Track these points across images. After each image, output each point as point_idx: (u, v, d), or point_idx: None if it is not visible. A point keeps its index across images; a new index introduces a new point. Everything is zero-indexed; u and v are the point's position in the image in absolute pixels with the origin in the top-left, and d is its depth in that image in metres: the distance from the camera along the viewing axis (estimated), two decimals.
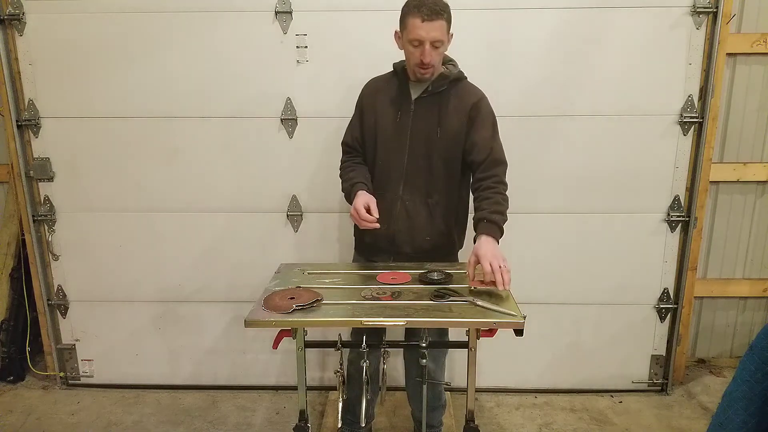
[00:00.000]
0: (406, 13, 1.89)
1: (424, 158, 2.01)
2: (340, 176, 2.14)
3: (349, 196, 2.02)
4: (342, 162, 2.17)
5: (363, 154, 2.13)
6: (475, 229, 1.88)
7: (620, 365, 2.87)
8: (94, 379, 2.97)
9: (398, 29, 1.95)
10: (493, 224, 1.85)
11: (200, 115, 2.66)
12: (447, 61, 2.07)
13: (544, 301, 2.79)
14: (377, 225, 1.92)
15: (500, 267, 1.71)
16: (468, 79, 2.09)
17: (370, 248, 2.15)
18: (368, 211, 1.92)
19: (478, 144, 1.98)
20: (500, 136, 2.05)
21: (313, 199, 2.72)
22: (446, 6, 1.89)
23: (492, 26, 2.53)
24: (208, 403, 2.83)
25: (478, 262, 1.77)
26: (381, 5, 2.43)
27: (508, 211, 1.93)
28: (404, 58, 2.00)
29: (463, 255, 2.19)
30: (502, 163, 2.01)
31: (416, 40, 1.86)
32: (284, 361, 2.90)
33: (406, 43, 1.91)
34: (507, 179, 2.01)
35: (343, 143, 2.18)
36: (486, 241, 1.80)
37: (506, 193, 1.97)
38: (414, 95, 2.01)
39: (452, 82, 2.01)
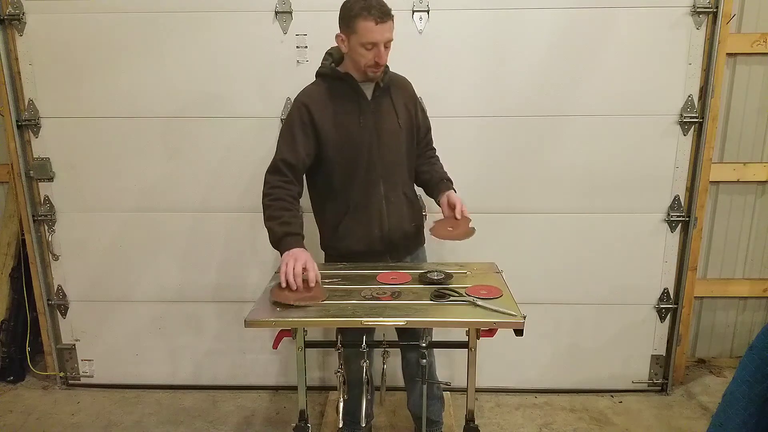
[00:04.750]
0: (354, 16, 1.83)
1: (395, 152, 2.06)
2: (267, 204, 1.89)
3: (278, 243, 1.83)
4: (272, 185, 1.92)
5: (302, 175, 2.01)
6: (438, 187, 2.15)
7: (620, 365, 2.87)
8: (94, 379, 2.97)
9: (340, 32, 1.91)
10: (450, 183, 2.18)
11: (200, 114, 2.66)
12: None
13: (544, 301, 2.79)
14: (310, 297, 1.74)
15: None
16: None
17: (360, 257, 2.07)
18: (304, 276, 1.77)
19: (420, 127, 2.20)
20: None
21: None
22: (389, 6, 1.92)
23: (493, 26, 2.53)
24: (208, 403, 2.83)
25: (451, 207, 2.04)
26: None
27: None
28: (326, 64, 2.04)
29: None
30: (430, 129, 2.29)
31: (370, 43, 1.86)
32: (284, 361, 2.90)
33: (357, 45, 1.87)
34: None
35: (281, 161, 1.93)
36: (454, 193, 2.11)
37: None
38: (369, 95, 2.02)
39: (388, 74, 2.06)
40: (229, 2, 2.54)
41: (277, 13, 2.54)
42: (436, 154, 2.30)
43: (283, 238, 1.82)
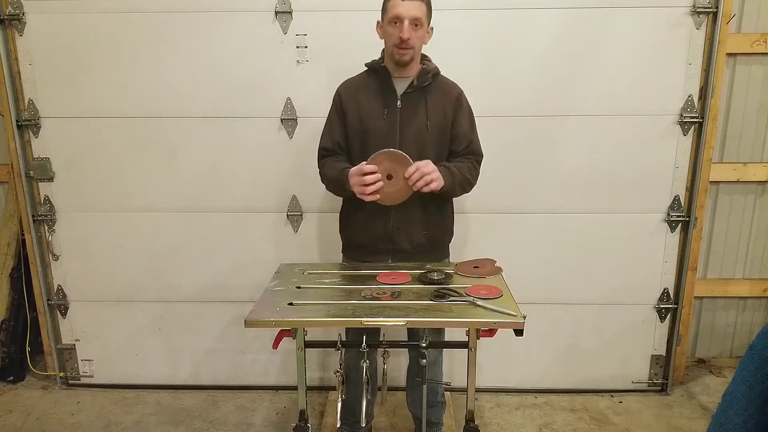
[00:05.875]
0: None
1: (416, 152, 2.02)
2: (324, 175, 2.09)
3: (342, 183, 1.98)
4: (320, 168, 2.12)
5: (346, 156, 2.11)
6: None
7: (620, 365, 2.87)
8: (94, 379, 2.97)
9: (380, 20, 2.01)
10: (447, 169, 1.98)
11: (200, 115, 2.66)
12: (422, 58, 2.11)
13: (544, 301, 2.79)
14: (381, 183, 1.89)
15: (421, 174, 1.87)
16: (442, 74, 2.13)
17: (364, 249, 2.13)
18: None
19: (458, 136, 2.08)
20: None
21: (313, 199, 2.72)
22: None
23: (493, 26, 2.54)
24: (208, 403, 2.83)
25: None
26: (381, 5, 2.43)
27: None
28: (376, 58, 2.07)
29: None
30: (478, 155, 2.13)
31: (396, 17, 1.91)
32: (284, 361, 2.90)
33: (386, 25, 1.96)
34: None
35: (321, 149, 2.13)
36: (429, 161, 1.93)
37: (475, 174, 2.10)
38: (399, 91, 2.03)
39: (433, 76, 2.05)
40: (229, 2, 2.54)
41: (277, 13, 2.54)
42: (468, 160, 2.09)
43: (340, 176, 1.98)
